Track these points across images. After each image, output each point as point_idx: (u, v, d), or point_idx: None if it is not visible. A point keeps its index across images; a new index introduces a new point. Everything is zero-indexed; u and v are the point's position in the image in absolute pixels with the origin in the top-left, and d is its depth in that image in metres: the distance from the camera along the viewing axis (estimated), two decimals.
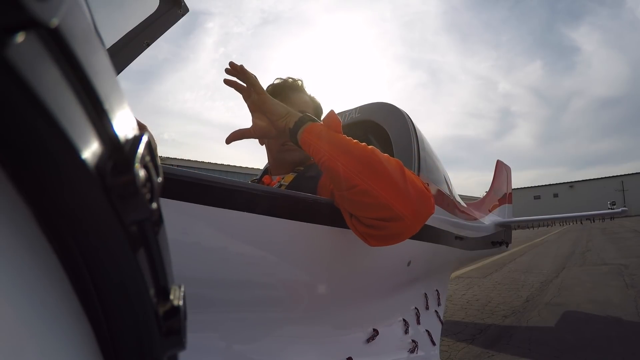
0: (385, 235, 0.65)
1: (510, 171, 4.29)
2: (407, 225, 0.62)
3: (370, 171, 0.60)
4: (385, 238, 0.66)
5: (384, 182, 0.60)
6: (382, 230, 0.63)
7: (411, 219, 0.61)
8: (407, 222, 0.61)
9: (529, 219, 3.89)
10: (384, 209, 0.60)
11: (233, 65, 0.71)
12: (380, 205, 0.60)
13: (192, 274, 0.52)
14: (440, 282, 1.48)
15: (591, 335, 2.30)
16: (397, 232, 0.64)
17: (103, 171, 0.16)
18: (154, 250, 0.20)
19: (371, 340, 0.88)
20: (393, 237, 0.66)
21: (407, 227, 0.63)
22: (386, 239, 0.67)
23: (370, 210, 0.61)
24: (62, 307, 0.17)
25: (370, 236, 0.65)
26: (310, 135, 0.67)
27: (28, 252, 0.16)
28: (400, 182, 0.61)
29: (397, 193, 0.60)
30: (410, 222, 0.62)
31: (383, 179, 0.60)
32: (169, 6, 1.13)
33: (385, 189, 0.60)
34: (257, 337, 0.66)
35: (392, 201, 0.59)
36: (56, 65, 0.14)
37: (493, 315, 2.93)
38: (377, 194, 0.59)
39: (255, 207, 0.58)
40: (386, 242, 0.68)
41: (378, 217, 0.61)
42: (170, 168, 0.49)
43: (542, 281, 4.27)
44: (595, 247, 7.62)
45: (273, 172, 1.00)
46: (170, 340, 0.21)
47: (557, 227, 18.19)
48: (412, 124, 1.25)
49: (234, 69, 0.71)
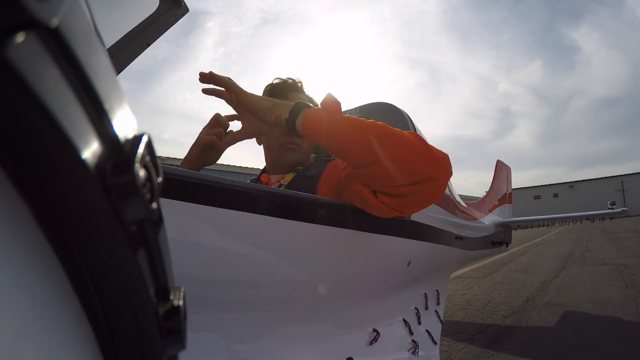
0: (422, 199, 0.66)
1: (510, 171, 4.30)
2: (440, 184, 0.64)
3: (391, 141, 0.61)
4: (421, 202, 0.68)
5: (407, 148, 0.61)
6: (417, 195, 0.64)
7: (443, 177, 0.63)
8: (440, 180, 0.63)
9: (529, 219, 3.89)
10: (416, 172, 0.61)
11: (202, 75, 0.70)
12: (411, 169, 0.61)
13: (192, 274, 0.52)
14: (440, 282, 1.48)
15: (591, 335, 2.30)
16: (431, 192, 0.65)
17: (103, 171, 0.16)
18: (154, 250, 0.20)
19: (373, 341, 0.88)
20: (428, 199, 0.68)
21: (440, 186, 0.64)
22: (422, 202, 0.68)
23: (401, 178, 0.61)
24: (62, 307, 0.17)
25: (405, 205, 0.66)
26: (313, 121, 0.64)
27: (28, 252, 0.16)
28: (421, 145, 0.62)
29: (423, 155, 0.62)
30: (443, 179, 0.63)
31: (405, 146, 0.61)
32: (169, 6, 1.13)
33: (410, 154, 0.61)
34: (257, 337, 0.66)
35: (421, 164, 0.61)
36: (56, 65, 0.13)
37: (493, 315, 2.93)
38: (402, 160, 0.60)
39: (255, 207, 0.58)
40: (422, 206, 0.71)
41: (411, 182, 0.61)
42: (170, 168, 0.49)
43: (542, 281, 4.27)
44: (595, 247, 7.62)
45: (271, 171, 1.00)
46: (170, 340, 0.21)
47: (557, 227, 18.20)
48: (412, 124, 1.25)
49: (205, 78, 0.70)
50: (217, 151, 0.88)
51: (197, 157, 0.87)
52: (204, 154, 0.88)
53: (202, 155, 0.88)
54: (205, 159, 0.88)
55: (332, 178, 0.85)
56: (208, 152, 0.88)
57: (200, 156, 0.87)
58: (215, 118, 0.87)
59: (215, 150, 0.88)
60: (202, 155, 0.88)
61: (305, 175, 0.88)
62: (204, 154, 0.88)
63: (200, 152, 0.87)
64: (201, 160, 0.88)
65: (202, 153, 0.87)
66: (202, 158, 0.88)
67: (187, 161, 0.87)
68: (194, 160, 0.87)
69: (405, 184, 0.62)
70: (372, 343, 0.88)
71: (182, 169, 0.56)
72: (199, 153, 0.87)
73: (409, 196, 0.64)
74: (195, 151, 0.86)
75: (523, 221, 3.75)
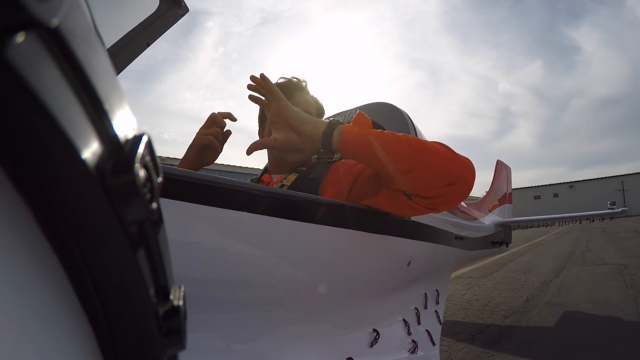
0: (453, 198, 0.74)
1: (510, 171, 4.29)
2: (468, 184, 0.71)
3: (425, 150, 0.69)
4: (452, 201, 0.75)
5: (439, 155, 0.69)
6: (449, 195, 0.71)
7: (470, 177, 0.71)
8: (467, 180, 0.70)
9: (529, 219, 3.88)
10: (448, 175, 0.69)
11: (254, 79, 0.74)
12: (444, 173, 0.68)
13: (192, 274, 0.52)
14: (440, 282, 1.48)
15: (591, 335, 2.30)
16: (461, 192, 0.72)
17: (103, 171, 0.16)
18: (154, 250, 0.20)
19: (373, 342, 0.88)
20: (459, 198, 0.74)
21: (469, 186, 0.72)
22: (453, 201, 0.76)
23: (435, 181, 0.69)
24: (62, 307, 0.17)
25: (438, 204, 0.74)
26: (349, 135, 0.70)
27: (28, 252, 0.16)
28: (449, 152, 0.71)
29: (452, 160, 0.70)
30: (470, 180, 0.71)
31: (437, 153, 0.69)
32: (169, 6, 1.13)
33: (442, 160, 0.69)
34: (257, 337, 0.66)
35: (451, 167, 0.69)
36: (56, 65, 0.13)
37: (493, 315, 2.93)
38: (436, 166, 0.68)
39: (256, 207, 0.58)
40: (453, 204, 0.79)
41: (443, 184, 0.69)
42: (170, 168, 0.49)
43: (542, 281, 4.27)
44: (595, 247, 7.62)
45: (273, 170, 1.00)
46: (170, 340, 0.21)
47: (557, 227, 18.20)
48: (412, 123, 1.25)
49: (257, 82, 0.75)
50: (215, 151, 0.89)
51: (194, 158, 0.87)
52: (202, 154, 0.88)
53: (199, 156, 0.88)
54: (203, 159, 0.89)
55: (336, 180, 0.85)
56: (206, 153, 0.88)
57: (198, 157, 0.88)
58: (212, 118, 0.88)
59: (213, 150, 0.89)
60: (200, 156, 0.88)
61: (307, 177, 0.88)
62: (201, 155, 0.88)
63: (198, 153, 0.87)
64: (199, 161, 0.88)
65: (199, 154, 0.88)
66: (199, 159, 0.88)
67: (185, 162, 0.87)
68: (192, 162, 0.87)
69: (439, 186, 0.69)
70: (372, 343, 0.88)
71: (182, 169, 0.56)
72: (197, 154, 0.87)
73: (442, 197, 0.71)
74: (193, 152, 0.87)
75: (523, 221, 3.75)
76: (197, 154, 0.87)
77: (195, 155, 0.87)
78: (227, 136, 0.90)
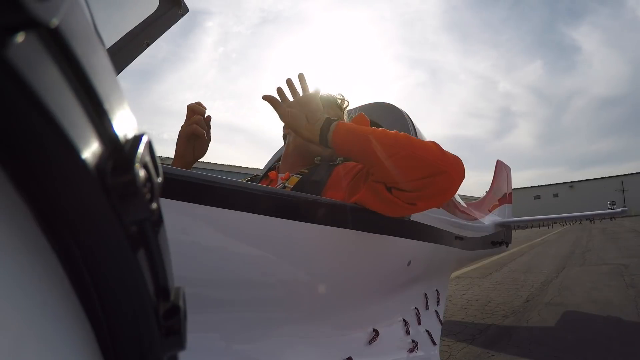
0: (434, 193, 0.73)
1: (510, 171, 4.29)
2: (451, 178, 0.70)
3: (408, 142, 0.71)
4: (434, 196, 0.74)
5: (422, 148, 0.70)
6: (430, 188, 0.71)
7: (453, 172, 0.70)
8: (450, 174, 0.70)
9: (529, 219, 3.88)
10: (429, 166, 0.69)
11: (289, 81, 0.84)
12: (424, 163, 0.69)
13: (192, 274, 0.52)
14: (440, 282, 1.48)
15: (591, 335, 2.30)
16: (443, 186, 0.71)
17: (103, 171, 0.16)
18: (154, 250, 0.20)
19: (373, 341, 0.88)
20: (440, 193, 0.74)
21: (451, 181, 0.71)
22: (435, 197, 0.75)
23: (416, 171, 0.70)
24: (62, 307, 0.17)
25: (419, 198, 0.73)
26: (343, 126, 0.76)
27: (28, 252, 0.16)
28: (434, 147, 0.72)
29: (436, 153, 0.70)
30: (455, 175, 0.70)
31: (420, 146, 0.71)
32: (169, 6, 1.13)
33: (424, 152, 0.70)
34: (257, 337, 0.66)
35: (433, 159, 0.69)
36: (56, 65, 0.13)
37: (493, 316, 2.93)
38: (418, 155, 0.69)
39: (256, 207, 0.58)
40: (434, 200, 0.78)
41: (424, 176, 0.69)
42: (170, 168, 0.49)
43: (542, 281, 4.26)
44: (595, 247, 7.61)
45: (282, 167, 1.01)
46: (170, 340, 0.21)
47: (557, 227, 18.20)
48: (412, 123, 1.25)
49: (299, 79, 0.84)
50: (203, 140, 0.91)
51: (184, 150, 0.89)
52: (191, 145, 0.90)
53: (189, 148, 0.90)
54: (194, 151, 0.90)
55: (337, 182, 0.86)
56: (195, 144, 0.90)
57: (188, 148, 0.89)
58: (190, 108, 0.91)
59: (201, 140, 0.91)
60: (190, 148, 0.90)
61: (310, 180, 0.89)
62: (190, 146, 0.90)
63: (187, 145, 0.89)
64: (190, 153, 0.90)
65: (188, 145, 0.89)
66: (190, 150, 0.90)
67: (177, 157, 0.89)
68: (183, 154, 0.89)
69: (419, 177, 0.69)
70: (372, 343, 0.88)
71: (182, 169, 0.56)
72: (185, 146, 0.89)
73: (421, 190, 0.71)
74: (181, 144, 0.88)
75: (523, 221, 3.75)
76: (186, 145, 0.88)
77: (185, 148, 0.88)
78: (208, 121, 0.93)
